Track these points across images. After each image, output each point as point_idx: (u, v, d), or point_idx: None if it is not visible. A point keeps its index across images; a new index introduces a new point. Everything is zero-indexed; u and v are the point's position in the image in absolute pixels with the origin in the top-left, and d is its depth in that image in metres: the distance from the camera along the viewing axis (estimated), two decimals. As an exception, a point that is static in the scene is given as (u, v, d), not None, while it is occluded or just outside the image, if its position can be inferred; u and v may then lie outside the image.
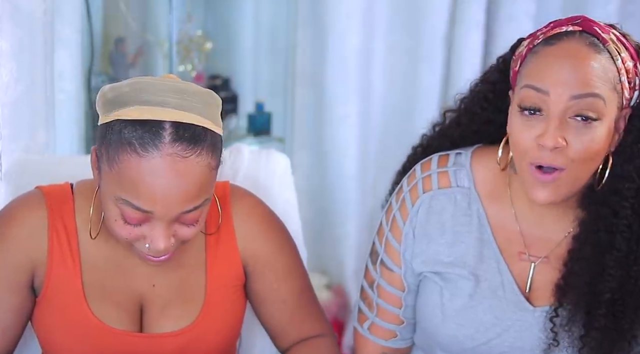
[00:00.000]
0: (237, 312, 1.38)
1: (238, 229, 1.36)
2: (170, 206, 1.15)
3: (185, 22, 2.61)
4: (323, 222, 2.95)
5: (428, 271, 1.37)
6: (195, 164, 1.15)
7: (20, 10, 1.64)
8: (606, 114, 1.21)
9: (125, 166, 1.14)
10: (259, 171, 1.63)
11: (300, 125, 2.93)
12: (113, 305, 1.30)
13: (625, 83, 1.22)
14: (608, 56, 1.21)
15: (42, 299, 1.30)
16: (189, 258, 1.34)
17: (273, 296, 1.39)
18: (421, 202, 1.38)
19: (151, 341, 1.31)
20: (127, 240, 1.20)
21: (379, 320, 1.44)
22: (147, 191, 1.14)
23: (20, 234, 1.28)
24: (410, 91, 2.89)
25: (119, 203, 1.16)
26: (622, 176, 1.26)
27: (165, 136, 1.13)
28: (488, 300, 1.34)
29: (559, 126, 1.20)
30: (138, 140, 1.13)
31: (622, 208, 1.25)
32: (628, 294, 1.27)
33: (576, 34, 1.23)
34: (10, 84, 1.63)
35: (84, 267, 1.29)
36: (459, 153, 1.40)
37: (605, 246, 1.27)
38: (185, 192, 1.15)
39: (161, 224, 1.17)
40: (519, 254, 1.35)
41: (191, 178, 1.15)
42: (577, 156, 1.21)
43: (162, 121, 1.14)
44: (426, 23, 2.82)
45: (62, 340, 1.29)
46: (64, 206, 1.30)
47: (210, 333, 1.33)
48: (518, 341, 1.33)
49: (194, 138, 1.15)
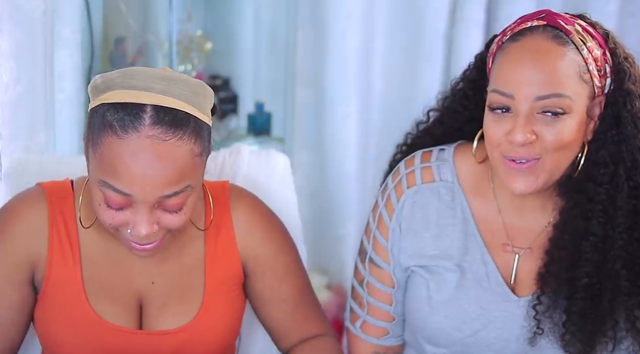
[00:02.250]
0: (236, 311, 1.38)
1: (237, 227, 1.36)
2: (149, 189, 1.14)
3: (185, 22, 2.61)
4: (323, 222, 2.95)
5: (414, 265, 1.39)
6: (176, 147, 1.15)
7: (20, 10, 1.64)
8: (574, 107, 1.23)
9: (106, 148, 1.14)
10: (259, 171, 1.63)
11: (300, 125, 2.93)
12: (113, 301, 1.30)
13: (594, 71, 1.24)
14: (573, 47, 1.23)
15: (42, 295, 1.30)
16: (188, 256, 1.34)
17: (274, 296, 1.40)
18: (406, 197, 1.40)
19: (150, 338, 1.31)
20: (112, 225, 1.20)
21: (370, 318, 1.45)
22: (126, 173, 1.14)
23: (21, 230, 1.29)
24: (410, 91, 2.89)
25: (101, 186, 1.16)
26: (597, 162, 1.27)
27: (146, 118, 1.14)
28: (473, 291, 1.35)
29: (527, 123, 1.23)
30: (119, 122, 1.14)
31: (597, 194, 1.27)
32: (606, 278, 1.28)
33: (540, 28, 1.25)
34: (10, 84, 1.63)
35: (84, 263, 1.30)
36: (442, 149, 1.42)
37: (581, 232, 1.28)
38: (164, 176, 1.14)
39: (142, 209, 1.16)
40: (503, 246, 1.36)
41: (171, 161, 1.14)
42: (550, 146, 1.23)
43: (143, 104, 1.15)
44: (426, 23, 2.82)
45: (62, 336, 1.30)
46: (64, 201, 1.31)
47: (208, 331, 1.33)
48: (504, 332, 1.34)
49: (175, 122, 1.15)
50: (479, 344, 1.36)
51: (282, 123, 2.91)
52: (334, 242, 2.95)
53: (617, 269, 1.28)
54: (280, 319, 1.41)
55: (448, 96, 1.45)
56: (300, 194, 1.74)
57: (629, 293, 1.28)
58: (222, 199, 1.37)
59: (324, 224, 2.95)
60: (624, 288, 1.28)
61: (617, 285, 1.28)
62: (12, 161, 1.58)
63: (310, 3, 2.80)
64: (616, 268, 1.28)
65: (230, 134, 2.77)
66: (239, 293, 1.39)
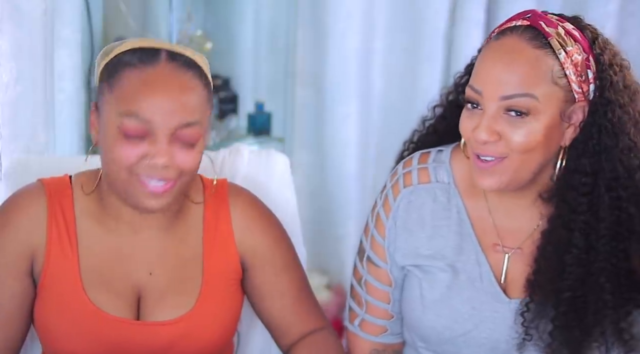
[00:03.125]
0: (233, 306, 1.39)
1: (235, 222, 1.39)
2: (168, 116, 1.21)
3: (185, 22, 2.61)
4: (323, 222, 2.95)
5: (409, 264, 1.40)
6: (189, 81, 1.24)
7: (20, 10, 1.64)
8: (542, 110, 1.23)
9: (126, 81, 1.22)
10: (259, 171, 1.63)
11: (300, 125, 2.93)
12: (110, 292, 1.31)
13: (572, 76, 1.24)
14: (549, 50, 1.23)
15: (41, 287, 1.31)
16: (186, 249, 1.36)
17: (273, 290, 1.41)
18: (402, 196, 1.41)
19: (147, 328, 1.32)
20: (128, 161, 1.22)
21: (368, 316, 1.45)
22: (147, 100, 1.21)
23: (21, 221, 1.31)
24: (410, 91, 2.89)
25: (122, 118, 1.21)
26: (577, 170, 1.27)
27: (162, 56, 1.24)
28: (466, 292, 1.36)
29: (492, 121, 1.24)
30: (137, 59, 1.24)
31: (578, 204, 1.27)
32: (590, 291, 1.27)
33: (520, 29, 1.26)
34: (10, 84, 1.63)
35: (81, 254, 1.31)
36: (440, 150, 1.43)
37: (565, 243, 1.28)
38: (182, 104, 1.22)
39: (161, 138, 1.21)
40: (493, 246, 1.37)
41: (187, 91, 1.23)
42: (514, 147, 1.24)
43: (158, 47, 1.26)
44: (426, 23, 2.82)
45: (60, 328, 1.31)
46: (63, 195, 1.33)
47: (205, 324, 1.34)
48: (495, 333, 1.35)
49: (187, 62, 1.26)
50: (470, 344, 1.36)
51: (282, 123, 2.91)
52: (334, 242, 2.95)
53: (602, 283, 1.27)
54: (281, 314, 1.42)
55: (450, 91, 1.46)
56: (300, 194, 1.74)
57: (613, 306, 1.27)
58: (220, 195, 1.39)
59: (324, 224, 2.95)
60: (609, 301, 1.27)
61: (602, 298, 1.27)
62: (12, 161, 1.58)
63: (310, 3, 2.80)
64: (600, 281, 1.27)
65: (230, 134, 2.77)
66: (237, 289, 1.40)
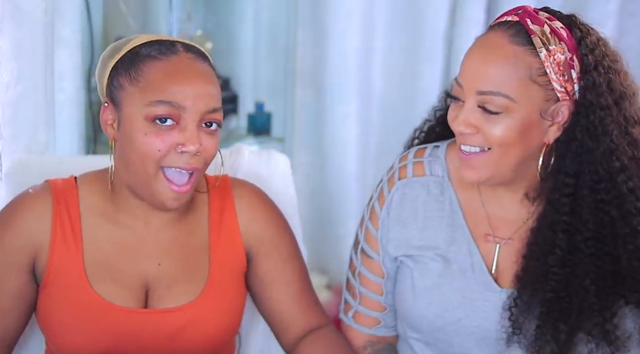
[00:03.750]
0: (238, 298, 1.40)
1: (240, 213, 1.41)
2: (198, 101, 1.25)
3: (185, 22, 2.62)
4: (323, 222, 2.95)
5: (401, 254, 1.42)
6: (208, 68, 1.31)
7: (21, 10, 1.64)
8: (516, 108, 1.24)
9: (152, 71, 1.26)
10: (259, 171, 1.63)
11: (300, 125, 2.93)
12: (117, 284, 1.33)
13: (553, 75, 1.24)
14: (530, 48, 1.24)
15: (45, 283, 1.32)
16: (193, 240, 1.38)
17: (278, 279, 1.42)
18: (396, 188, 1.43)
19: (153, 316, 1.33)
20: (160, 152, 1.24)
21: (362, 308, 1.47)
22: (177, 86, 1.25)
23: (25, 219, 1.33)
24: (410, 91, 2.89)
25: (152, 107, 1.24)
26: (560, 170, 1.28)
27: (179, 47, 1.29)
28: (457, 281, 1.37)
29: (468, 113, 1.26)
30: (156, 51, 1.27)
31: (561, 205, 1.28)
32: (574, 293, 1.28)
33: (507, 24, 1.27)
34: (10, 84, 1.64)
35: (86, 248, 1.33)
36: (437, 146, 1.45)
37: (549, 243, 1.29)
38: (208, 91, 1.28)
39: (191, 124, 1.25)
40: (485, 236, 1.38)
41: (209, 79, 1.30)
42: (493, 140, 1.26)
43: (173, 40, 1.31)
44: (426, 23, 2.82)
45: (66, 321, 1.31)
46: (69, 194, 1.35)
47: (211, 313, 1.35)
48: (485, 322, 1.35)
49: (201, 53, 1.32)
50: (461, 333, 1.37)
51: (282, 123, 2.91)
52: (334, 242, 2.95)
53: (586, 285, 1.27)
54: (285, 305, 1.43)
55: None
56: (300, 194, 1.74)
57: (599, 308, 1.28)
58: (224, 187, 1.42)
59: (324, 223, 2.95)
60: (594, 304, 1.27)
61: (586, 300, 1.28)
62: (12, 161, 1.59)
63: (310, 3, 2.80)
64: (585, 284, 1.27)
65: (230, 134, 2.77)
66: (241, 282, 1.42)
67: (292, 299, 1.43)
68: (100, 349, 1.31)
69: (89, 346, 1.31)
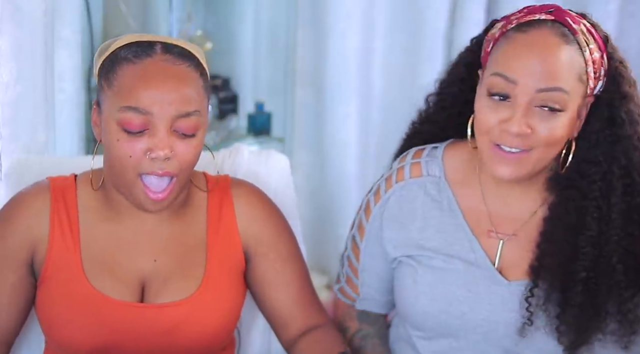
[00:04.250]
0: (235, 296, 1.40)
1: (239, 211, 1.41)
2: (166, 106, 1.22)
3: (185, 22, 2.62)
4: (323, 222, 2.95)
5: (401, 255, 1.43)
6: (186, 71, 1.26)
7: (20, 10, 1.64)
8: (570, 105, 1.26)
9: (123, 75, 1.24)
10: (259, 171, 1.63)
11: (300, 125, 2.93)
12: (114, 279, 1.33)
13: (591, 73, 1.27)
14: (577, 47, 1.26)
15: (43, 278, 1.33)
16: (190, 237, 1.38)
17: (277, 278, 1.43)
18: (393, 191, 1.45)
19: (150, 311, 1.33)
20: (132, 159, 1.24)
21: (346, 286, 1.55)
22: (145, 91, 1.22)
23: (23, 215, 1.34)
24: (410, 91, 2.89)
25: (121, 113, 1.23)
26: (589, 161, 1.31)
27: (157, 48, 1.26)
28: (461, 275, 1.38)
29: (525, 114, 1.26)
30: (132, 54, 1.25)
31: (590, 191, 1.31)
32: (601, 272, 1.31)
33: (548, 23, 1.27)
34: (10, 84, 1.63)
35: (83, 244, 1.34)
36: (435, 147, 1.46)
37: (576, 227, 1.32)
38: (179, 94, 1.24)
39: (161, 130, 1.23)
40: (487, 233, 1.39)
41: (183, 81, 1.25)
42: (542, 140, 1.26)
43: (153, 41, 1.27)
44: (426, 23, 2.82)
45: (63, 316, 1.32)
46: (67, 191, 1.36)
47: (207, 309, 1.35)
48: (492, 314, 1.36)
49: (183, 53, 1.27)
50: (466, 328, 1.38)
51: (282, 123, 2.91)
52: (334, 242, 2.95)
53: (613, 264, 1.31)
54: (285, 304, 1.43)
55: (445, 80, 1.48)
56: (300, 194, 1.75)
57: (625, 286, 1.31)
58: (223, 186, 1.42)
59: (324, 224, 2.95)
60: (620, 281, 1.31)
61: (613, 279, 1.31)
62: (12, 161, 1.59)
63: (310, 3, 2.80)
64: (612, 263, 1.31)
65: (230, 134, 2.77)
66: (240, 280, 1.42)
67: (291, 298, 1.43)
68: (98, 343, 1.32)
69: (86, 340, 1.32)
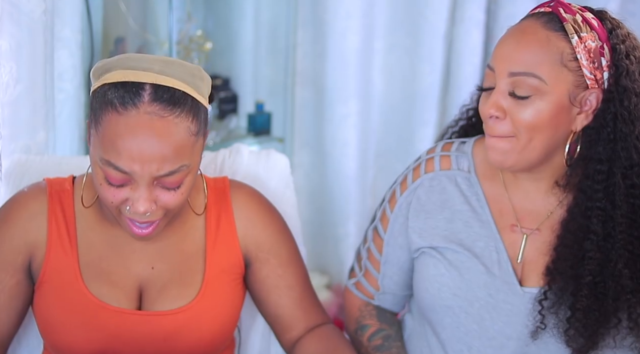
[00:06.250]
0: (234, 301, 1.40)
1: (238, 217, 1.40)
2: (147, 167, 1.17)
3: (185, 22, 2.62)
4: (323, 222, 2.95)
5: (426, 245, 1.43)
6: (174, 125, 1.18)
7: (20, 10, 1.64)
8: (548, 90, 1.26)
9: (107, 126, 1.18)
10: (259, 171, 1.63)
11: (300, 125, 2.93)
12: (111, 285, 1.33)
13: (584, 61, 1.26)
14: (562, 34, 1.27)
15: (40, 282, 1.33)
16: (188, 244, 1.37)
17: (279, 283, 1.42)
18: (422, 181, 1.46)
19: (147, 319, 1.33)
20: (113, 204, 1.22)
21: (364, 280, 1.54)
22: (126, 150, 1.17)
23: (21, 217, 1.33)
24: (410, 91, 2.89)
25: (102, 164, 1.19)
26: (591, 158, 1.30)
27: (145, 95, 1.17)
28: (483, 277, 1.38)
29: (499, 96, 1.28)
30: (119, 99, 1.17)
31: (594, 192, 1.30)
32: (609, 276, 1.30)
33: (540, 14, 1.30)
34: (10, 84, 1.63)
35: (81, 250, 1.33)
36: (463, 142, 1.48)
37: (583, 230, 1.31)
38: (162, 154, 1.17)
39: (142, 186, 1.19)
40: (511, 227, 1.40)
41: (168, 139, 1.18)
42: (520, 124, 1.27)
43: (142, 82, 1.18)
44: (426, 22, 2.82)
45: (61, 321, 1.32)
46: (64, 193, 1.35)
47: (205, 316, 1.35)
48: (507, 326, 1.36)
49: (173, 100, 1.19)
50: (482, 337, 1.37)
51: (282, 123, 2.91)
52: (334, 242, 2.95)
53: (620, 268, 1.30)
54: (287, 308, 1.43)
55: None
56: (300, 194, 1.75)
57: (631, 291, 1.30)
58: (222, 190, 1.41)
59: (324, 224, 2.95)
60: (627, 286, 1.30)
61: (620, 283, 1.30)
62: (12, 161, 1.59)
63: (310, 3, 2.80)
64: (619, 267, 1.30)
65: (230, 134, 2.77)
66: (239, 284, 1.41)
67: (292, 302, 1.43)
68: (95, 348, 1.32)
69: (83, 345, 1.31)
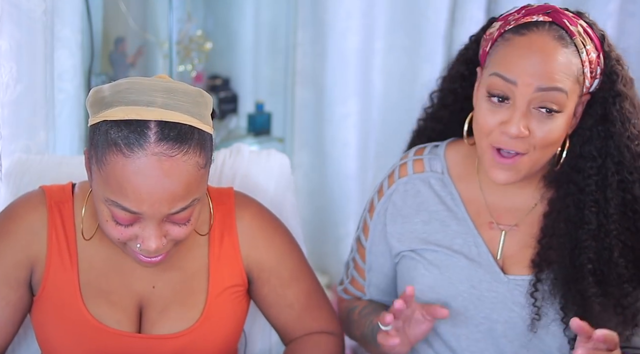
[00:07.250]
0: (238, 316, 1.38)
1: (241, 235, 1.37)
2: (157, 206, 1.14)
3: (185, 22, 2.62)
4: (323, 222, 2.95)
5: (405, 249, 1.45)
6: (182, 162, 1.14)
7: (20, 10, 1.64)
8: (567, 105, 1.28)
9: (112, 167, 1.13)
10: (259, 171, 1.63)
11: (300, 125, 2.93)
12: (111, 305, 1.30)
13: (588, 74, 1.29)
14: (574, 50, 1.28)
15: (39, 297, 1.30)
16: (191, 262, 1.34)
17: (279, 301, 1.41)
18: (396, 186, 1.47)
19: (149, 342, 1.30)
20: (120, 240, 1.20)
21: (350, 287, 1.58)
22: (134, 192, 1.13)
23: (20, 231, 1.29)
24: (410, 91, 2.89)
25: (109, 204, 1.16)
26: (583, 156, 1.33)
27: (151, 135, 1.13)
28: (465, 271, 1.39)
29: (524, 116, 1.27)
30: (124, 140, 1.12)
31: (587, 185, 1.33)
32: (605, 264, 1.33)
33: (546, 25, 1.29)
34: (10, 84, 1.63)
35: (81, 267, 1.30)
36: (436, 145, 1.49)
37: (576, 221, 1.34)
38: (173, 193, 1.14)
39: (151, 224, 1.17)
40: (488, 224, 1.41)
41: (178, 177, 1.14)
42: (539, 143, 1.28)
43: (147, 120, 1.13)
44: (426, 22, 2.82)
45: (59, 339, 1.30)
46: (64, 207, 1.31)
47: (209, 337, 1.33)
48: (494, 313, 1.37)
49: (180, 137, 1.14)
50: (468, 325, 1.38)
51: (282, 123, 2.91)
52: (334, 242, 2.95)
53: (615, 258, 1.33)
54: (286, 321, 1.43)
55: (446, 77, 1.50)
56: (300, 194, 1.75)
57: (627, 280, 1.33)
58: (227, 206, 1.37)
59: (324, 224, 2.95)
60: (623, 275, 1.33)
61: (617, 272, 1.33)
62: (12, 161, 1.58)
63: (310, 3, 2.80)
64: (614, 257, 1.33)
65: (230, 134, 2.77)
66: (242, 298, 1.39)
67: (294, 319, 1.42)
68: None
69: None
